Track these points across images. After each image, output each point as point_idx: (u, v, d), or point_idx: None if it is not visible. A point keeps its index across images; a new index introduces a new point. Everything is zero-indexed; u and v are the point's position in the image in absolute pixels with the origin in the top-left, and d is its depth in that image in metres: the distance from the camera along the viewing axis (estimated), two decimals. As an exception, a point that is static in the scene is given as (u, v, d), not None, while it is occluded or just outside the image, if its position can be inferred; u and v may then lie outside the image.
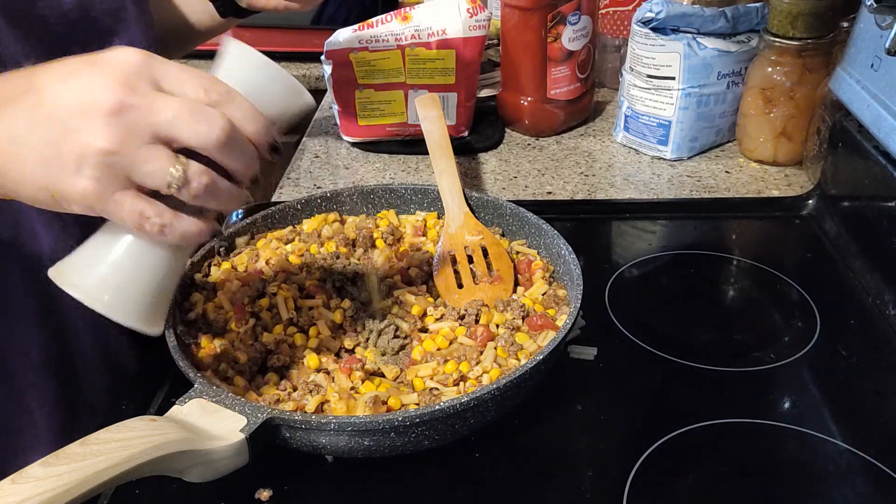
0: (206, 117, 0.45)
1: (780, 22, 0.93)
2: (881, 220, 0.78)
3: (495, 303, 0.69)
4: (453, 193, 0.77)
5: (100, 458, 0.44)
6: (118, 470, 0.45)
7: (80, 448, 0.45)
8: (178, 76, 0.46)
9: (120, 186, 0.45)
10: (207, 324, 0.67)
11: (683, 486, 0.58)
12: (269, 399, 0.59)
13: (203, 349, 0.64)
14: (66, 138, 0.43)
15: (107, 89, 0.43)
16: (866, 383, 0.67)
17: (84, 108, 0.43)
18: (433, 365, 0.62)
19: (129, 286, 0.51)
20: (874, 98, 0.77)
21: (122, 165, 0.44)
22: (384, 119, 1.07)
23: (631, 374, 0.69)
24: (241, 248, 0.76)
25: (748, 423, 0.63)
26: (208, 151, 0.45)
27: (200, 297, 0.69)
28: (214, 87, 0.46)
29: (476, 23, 1.01)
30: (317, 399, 0.59)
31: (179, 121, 0.44)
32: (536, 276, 0.72)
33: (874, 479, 0.58)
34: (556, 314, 0.67)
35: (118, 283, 0.50)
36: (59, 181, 0.44)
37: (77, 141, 0.43)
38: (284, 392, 0.60)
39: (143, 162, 0.44)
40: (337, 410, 0.58)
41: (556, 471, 0.60)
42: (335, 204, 0.81)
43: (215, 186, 0.47)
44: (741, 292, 0.82)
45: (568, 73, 1.09)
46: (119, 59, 0.45)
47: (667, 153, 1.04)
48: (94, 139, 0.43)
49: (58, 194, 0.45)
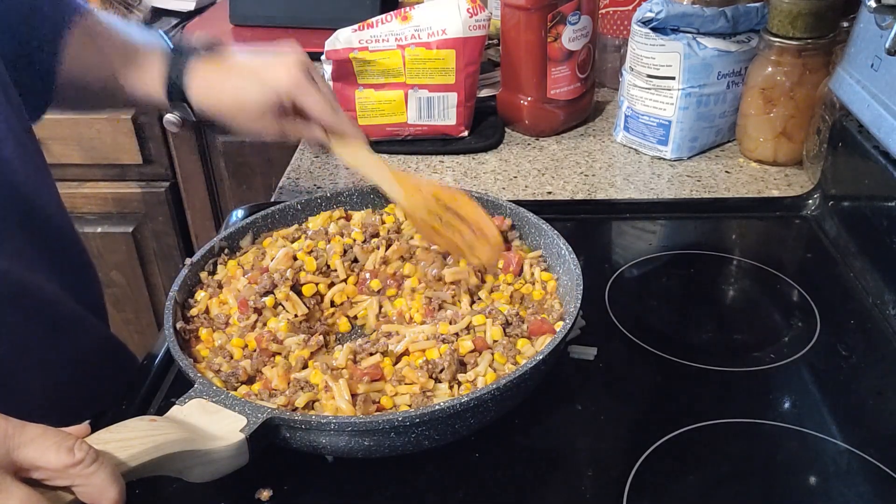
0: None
1: (780, 22, 0.93)
2: (881, 220, 0.78)
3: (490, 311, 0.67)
4: (379, 173, 0.73)
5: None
6: (119, 470, 0.45)
7: (81, 448, 0.45)
8: (39, 445, 0.43)
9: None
10: (209, 319, 0.68)
11: (683, 486, 0.58)
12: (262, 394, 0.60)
13: (202, 342, 0.65)
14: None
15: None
16: (866, 383, 0.67)
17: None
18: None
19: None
20: (874, 98, 0.77)
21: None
22: (384, 119, 1.07)
23: (631, 374, 0.69)
24: (247, 247, 0.76)
25: (748, 423, 0.63)
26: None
27: (205, 293, 0.70)
28: (80, 449, 0.43)
29: (476, 23, 1.01)
30: (307, 395, 0.59)
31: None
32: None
33: (874, 479, 0.58)
34: (549, 310, 0.67)
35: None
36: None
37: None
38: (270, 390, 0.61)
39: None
40: (327, 408, 0.58)
41: (556, 471, 0.60)
42: (335, 204, 0.81)
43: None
44: (741, 292, 0.82)
45: (568, 73, 1.09)
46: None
47: (667, 153, 1.04)
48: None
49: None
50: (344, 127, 0.72)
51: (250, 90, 0.71)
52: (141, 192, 1.57)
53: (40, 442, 0.43)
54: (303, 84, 0.70)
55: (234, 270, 0.72)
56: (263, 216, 0.78)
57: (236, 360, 0.63)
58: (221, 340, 0.66)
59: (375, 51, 1.01)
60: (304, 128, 0.73)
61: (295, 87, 0.70)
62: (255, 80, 0.71)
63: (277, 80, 0.70)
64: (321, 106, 0.71)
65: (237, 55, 0.74)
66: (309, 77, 0.71)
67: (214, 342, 0.66)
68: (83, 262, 0.80)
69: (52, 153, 0.72)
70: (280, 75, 0.70)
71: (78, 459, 0.43)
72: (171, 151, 1.58)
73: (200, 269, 0.72)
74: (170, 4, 1.66)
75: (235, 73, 0.73)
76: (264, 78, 0.71)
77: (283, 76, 0.70)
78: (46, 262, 0.71)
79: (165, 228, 1.63)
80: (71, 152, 1.47)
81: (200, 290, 0.71)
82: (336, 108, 0.72)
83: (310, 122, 0.73)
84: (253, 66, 0.72)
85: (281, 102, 0.71)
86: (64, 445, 0.43)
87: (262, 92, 0.71)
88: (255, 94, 0.71)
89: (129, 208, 1.60)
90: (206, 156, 1.58)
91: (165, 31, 1.59)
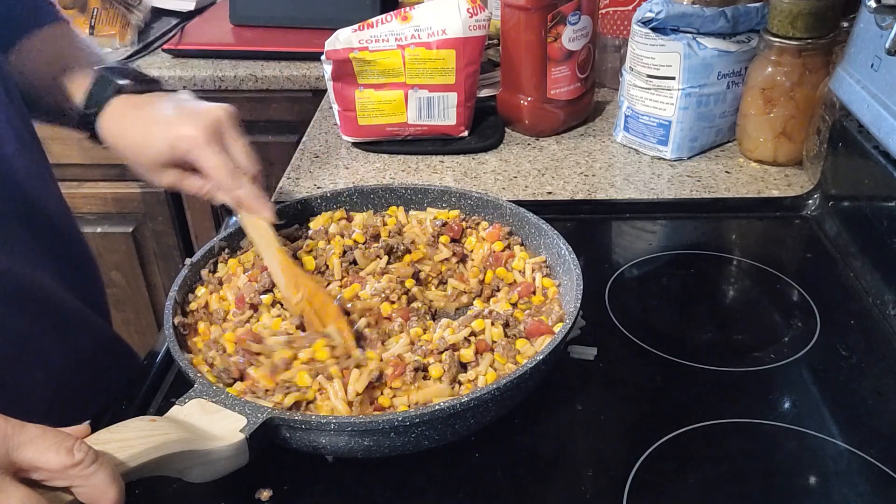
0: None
1: (780, 22, 0.93)
2: (881, 220, 0.78)
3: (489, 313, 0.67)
4: (269, 255, 0.70)
5: (100, 458, 0.44)
6: (118, 470, 0.45)
7: (81, 448, 0.45)
8: (38, 446, 0.43)
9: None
10: (208, 314, 0.68)
11: (683, 486, 0.58)
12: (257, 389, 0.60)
13: (199, 335, 0.66)
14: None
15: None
16: (866, 383, 0.67)
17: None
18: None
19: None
20: (874, 98, 0.77)
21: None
22: (384, 119, 1.07)
23: (631, 374, 0.69)
24: (247, 246, 0.76)
25: (748, 423, 0.63)
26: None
27: (206, 289, 0.70)
28: (80, 450, 0.43)
29: (476, 23, 1.01)
30: (295, 396, 0.58)
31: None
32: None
33: (874, 479, 0.58)
34: (549, 312, 0.67)
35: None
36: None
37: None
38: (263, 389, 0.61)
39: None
40: (323, 409, 0.58)
41: (556, 471, 0.60)
42: (335, 204, 0.81)
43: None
44: (741, 292, 0.82)
45: (568, 73, 1.09)
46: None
47: (667, 153, 1.04)
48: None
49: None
50: (241, 195, 0.69)
51: (151, 141, 0.70)
52: (141, 192, 1.57)
53: (40, 442, 0.43)
54: (202, 144, 0.67)
55: (235, 268, 0.72)
56: (263, 216, 0.78)
57: (229, 353, 0.63)
58: (216, 334, 0.66)
59: (375, 51, 1.01)
60: (203, 186, 0.71)
61: (195, 146, 0.67)
62: (160, 133, 0.69)
63: (179, 137, 0.68)
64: (219, 170, 0.68)
65: (158, 103, 0.72)
66: (216, 137, 0.68)
67: (210, 335, 0.66)
68: (85, 260, 0.80)
69: (52, 153, 0.72)
70: (184, 132, 0.68)
71: (77, 460, 0.43)
72: (171, 151, 1.58)
73: (201, 268, 0.72)
74: (170, 4, 1.66)
75: (145, 121, 0.71)
76: (168, 132, 0.69)
77: (187, 133, 0.68)
78: (48, 260, 0.71)
79: (165, 228, 1.63)
80: (71, 152, 1.47)
81: (201, 287, 0.71)
82: (237, 174, 0.68)
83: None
84: (165, 117, 0.70)
85: (177, 158, 0.69)
86: (63, 446, 0.43)
87: (162, 144, 0.69)
88: (154, 146, 0.70)
89: (129, 208, 1.60)
90: (206, 156, 1.58)
91: (166, 30, 1.59)
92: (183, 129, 0.68)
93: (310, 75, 1.45)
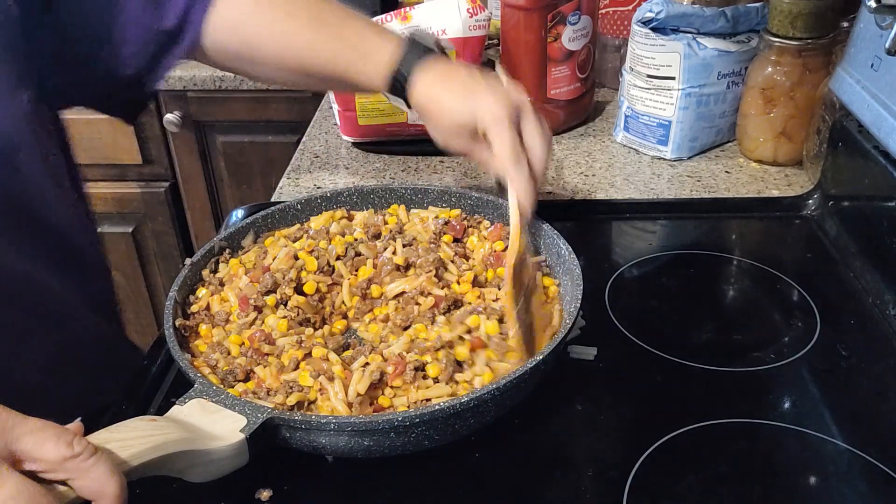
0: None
1: (780, 22, 0.93)
2: (881, 220, 0.78)
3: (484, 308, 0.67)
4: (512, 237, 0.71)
5: (100, 458, 0.44)
6: (118, 470, 0.45)
7: (81, 448, 0.45)
8: (38, 437, 0.43)
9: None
10: (210, 315, 0.68)
11: (683, 486, 0.58)
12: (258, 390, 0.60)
13: (201, 337, 0.66)
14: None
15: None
16: (866, 383, 0.67)
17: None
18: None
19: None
20: (874, 98, 0.77)
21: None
22: (384, 119, 1.07)
23: (631, 374, 0.69)
24: (249, 246, 0.76)
25: (748, 423, 0.63)
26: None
27: (207, 290, 0.70)
28: (79, 443, 0.43)
29: (476, 23, 1.01)
30: (297, 396, 0.58)
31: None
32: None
33: (874, 479, 0.58)
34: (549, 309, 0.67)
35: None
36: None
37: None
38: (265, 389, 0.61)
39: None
40: (323, 409, 0.58)
41: (556, 471, 0.60)
42: (335, 204, 0.81)
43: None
44: (741, 292, 0.82)
45: (568, 73, 1.09)
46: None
47: (667, 153, 1.04)
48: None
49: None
50: (514, 182, 0.70)
51: (459, 108, 0.72)
52: (141, 192, 1.58)
53: (39, 433, 0.43)
54: (502, 120, 0.69)
55: (237, 269, 0.72)
56: (263, 216, 0.78)
57: (233, 356, 0.63)
58: (219, 336, 0.66)
59: (375, 51, 1.01)
60: (489, 160, 0.73)
61: (496, 120, 0.70)
62: (469, 101, 0.71)
63: (485, 109, 0.70)
64: (505, 148, 0.69)
65: (467, 73, 0.74)
66: (510, 119, 0.70)
67: (213, 338, 0.66)
68: (93, 259, 0.80)
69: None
70: (490, 106, 0.70)
71: (76, 453, 0.43)
72: (171, 151, 1.58)
73: (201, 268, 0.72)
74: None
75: (456, 89, 0.73)
76: (475, 103, 0.71)
77: (493, 107, 0.70)
78: (54, 259, 0.71)
79: (165, 228, 1.63)
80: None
81: (202, 287, 0.71)
82: (521, 157, 0.70)
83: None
84: (475, 88, 0.72)
85: (476, 128, 0.71)
86: (63, 439, 0.43)
87: (467, 113, 0.71)
88: (461, 113, 0.72)
89: (129, 208, 1.60)
90: (206, 156, 1.58)
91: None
92: (490, 102, 0.70)
93: (310, 75, 1.44)
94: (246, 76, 0.83)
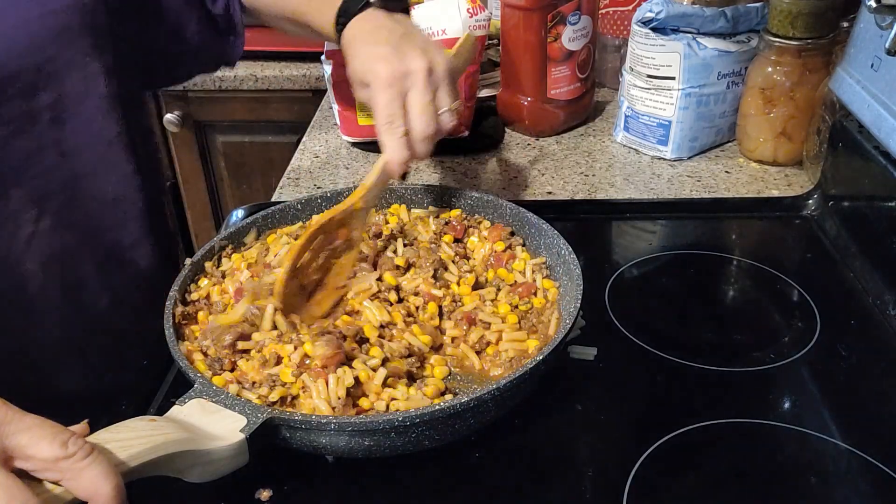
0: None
1: (780, 22, 0.93)
2: (881, 220, 0.78)
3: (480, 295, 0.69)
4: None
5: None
6: (118, 470, 0.45)
7: (81, 449, 0.45)
8: (34, 434, 0.43)
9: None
10: (209, 304, 0.68)
11: (683, 486, 0.58)
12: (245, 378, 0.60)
13: (198, 324, 0.66)
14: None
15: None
16: (866, 383, 0.67)
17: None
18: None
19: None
20: (874, 98, 0.77)
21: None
22: (384, 119, 1.07)
23: (631, 374, 0.69)
24: (251, 243, 0.76)
25: (748, 423, 0.63)
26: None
27: (209, 281, 0.71)
28: (74, 444, 0.43)
29: (476, 23, 1.01)
30: (280, 391, 0.58)
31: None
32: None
33: (874, 479, 0.58)
34: (548, 311, 0.67)
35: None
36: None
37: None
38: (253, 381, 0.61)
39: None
40: (304, 407, 0.57)
41: (556, 471, 0.60)
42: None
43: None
44: (741, 292, 0.82)
45: (568, 73, 1.09)
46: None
47: (667, 153, 1.04)
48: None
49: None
50: (383, 145, 0.71)
51: (358, 60, 0.74)
52: (141, 192, 1.57)
53: (36, 431, 0.43)
54: (383, 86, 0.70)
55: (240, 263, 0.73)
56: (263, 216, 0.78)
57: (223, 344, 0.63)
58: (213, 322, 0.66)
59: (375, 51, 1.01)
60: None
61: (377, 84, 0.70)
62: (365, 57, 0.73)
63: (369, 70, 0.72)
64: (379, 113, 0.70)
65: (391, 29, 0.75)
66: (399, 84, 0.70)
67: (208, 325, 0.66)
68: (131, 258, 0.80)
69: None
70: (376, 67, 0.71)
71: (69, 453, 0.42)
72: (171, 151, 1.58)
73: (201, 269, 0.72)
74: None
75: (373, 42, 0.74)
76: (368, 60, 0.72)
77: (378, 69, 0.71)
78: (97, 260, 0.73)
79: (165, 228, 1.63)
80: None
81: (204, 278, 0.71)
82: (394, 125, 0.70)
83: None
84: (377, 45, 0.73)
85: (362, 84, 0.73)
86: (59, 438, 0.43)
87: (360, 68, 0.73)
88: (357, 66, 0.73)
89: (130, 208, 1.60)
90: (206, 156, 1.58)
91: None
92: (379, 64, 0.70)
93: (310, 75, 1.45)
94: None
